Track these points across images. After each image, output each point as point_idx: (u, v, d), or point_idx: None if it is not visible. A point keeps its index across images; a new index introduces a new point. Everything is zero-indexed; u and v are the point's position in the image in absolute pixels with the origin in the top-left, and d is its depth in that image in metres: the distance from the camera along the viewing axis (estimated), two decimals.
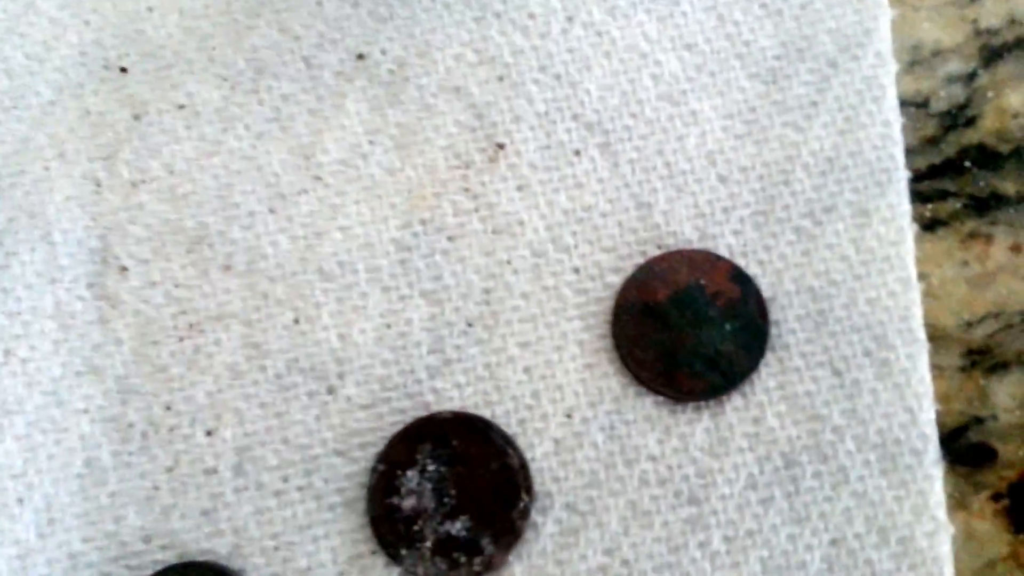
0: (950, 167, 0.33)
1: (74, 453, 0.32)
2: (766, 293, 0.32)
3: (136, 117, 0.35)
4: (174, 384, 0.32)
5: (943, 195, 0.33)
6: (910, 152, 0.33)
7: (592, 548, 0.30)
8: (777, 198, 0.33)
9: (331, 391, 0.32)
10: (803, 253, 0.32)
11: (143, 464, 0.32)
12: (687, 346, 0.32)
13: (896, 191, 0.32)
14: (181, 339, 0.33)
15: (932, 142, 0.34)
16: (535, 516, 0.31)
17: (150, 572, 0.31)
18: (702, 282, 0.32)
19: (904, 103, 0.34)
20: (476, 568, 0.30)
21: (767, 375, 0.32)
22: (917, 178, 0.33)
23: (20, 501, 0.31)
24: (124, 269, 0.34)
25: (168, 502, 0.31)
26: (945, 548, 0.30)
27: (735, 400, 0.31)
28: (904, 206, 0.32)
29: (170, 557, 0.31)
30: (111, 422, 0.32)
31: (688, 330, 0.32)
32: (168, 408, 0.32)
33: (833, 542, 0.30)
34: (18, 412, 0.32)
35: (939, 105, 0.34)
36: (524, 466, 0.31)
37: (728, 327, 0.32)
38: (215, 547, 0.31)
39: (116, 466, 0.32)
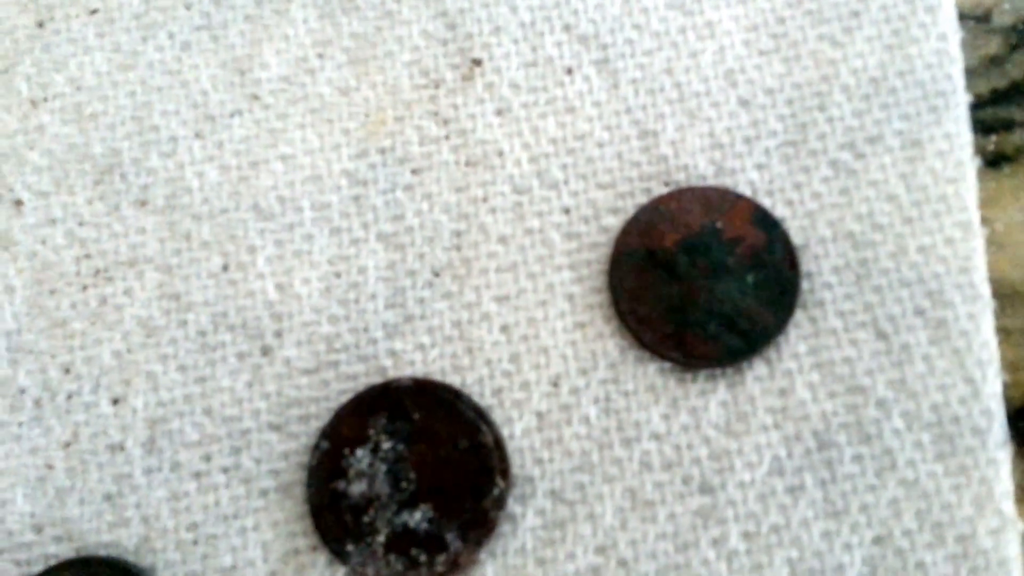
0: (1017, 92, 0.28)
1: None
2: (796, 239, 0.27)
3: (39, 24, 0.29)
4: (75, 342, 0.27)
5: (1009, 125, 0.28)
6: (970, 74, 0.28)
7: (582, 545, 0.25)
8: (810, 126, 0.27)
9: (266, 352, 0.27)
10: (841, 192, 0.27)
11: (35, 438, 0.26)
12: (700, 302, 0.26)
13: (953, 119, 0.27)
14: (85, 288, 0.27)
15: (995, 62, 0.28)
16: (513, 506, 0.25)
17: (41, 568, 0.25)
18: (719, 225, 0.27)
19: (963, 16, 0.29)
20: (439, 568, 0.25)
21: (797, 338, 0.26)
22: (978, 105, 0.28)
23: None
24: (19, 203, 0.28)
25: (64, 484, 0.26)
26: (1014, 548, 0.24)
27: (757, 367, 0.26)
28: (964, 137, 0.27)
29: (66, 550, 0.25)
30: None
31: (701, 282, 0.26)
32: (67, 371, 0.27)
33: (877, 540, 0.25)
34: None
35: (1003, 19, 0.29)
36: (500, 445, 0.26)
37: (750, 279, 0.26)
38: (120, 539, 0.25)
39: (2, 440, 0.26)
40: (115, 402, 0.26)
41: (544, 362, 0.26)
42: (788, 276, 0.26)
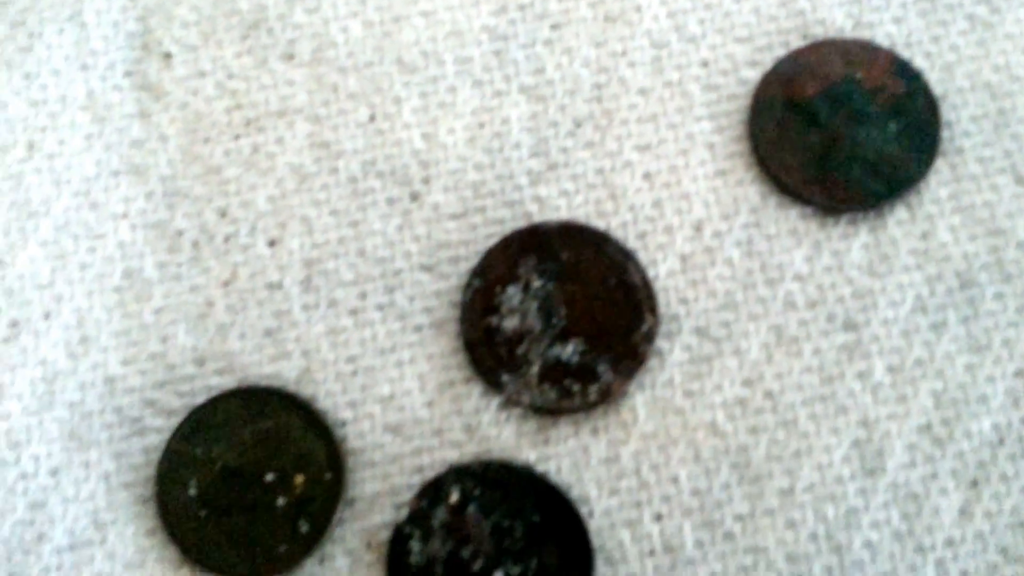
0: None
1: (111, 263, 0.27)
2: (935, 90, 0.27)
3: None
4: (230, 187, 0.28)
5: None
6: None
7: (728, 378, 0.26)
8: None
9: (415, 198, 0.28)
10: (978, 44, 0.27)
11: (195, 277, 0.27)
12: (842, 148, 0.27)
13: None
14: (237, 137, 0.28)
15: None
16: (660, 342, 0.26)
17: (204, 398, 0.26)
18: (859, 76, 0.27)
19: None
20: (591, 397, 0.26)
21: (937, 183, 0.27)
22: None
23: (47, 315, 0.27)
24: (168, 56, 0.29)
25: (225, 320, 0.27)
26: None
27: (899, 211, 0.27)
28: None
29: (227, 382, 0.26)
30: (155, 228, 0.27)
31: (843, 130, 0.27)
32: (223, 215, 0.28)
33: (1018, 373, 0.25)
34: (44, 214, 0.27)
35: None
36: (647, 283, 0.26)
37: (891, 127, 0.27)
38: (281, 371, 0.26)
39: (162, 279, 0.27)
40: (271, 244, 0.27)
41: (686, 207, 0.27)
42: (929, 124, 0.27)
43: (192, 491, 0.25)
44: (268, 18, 0.28)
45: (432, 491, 0.25)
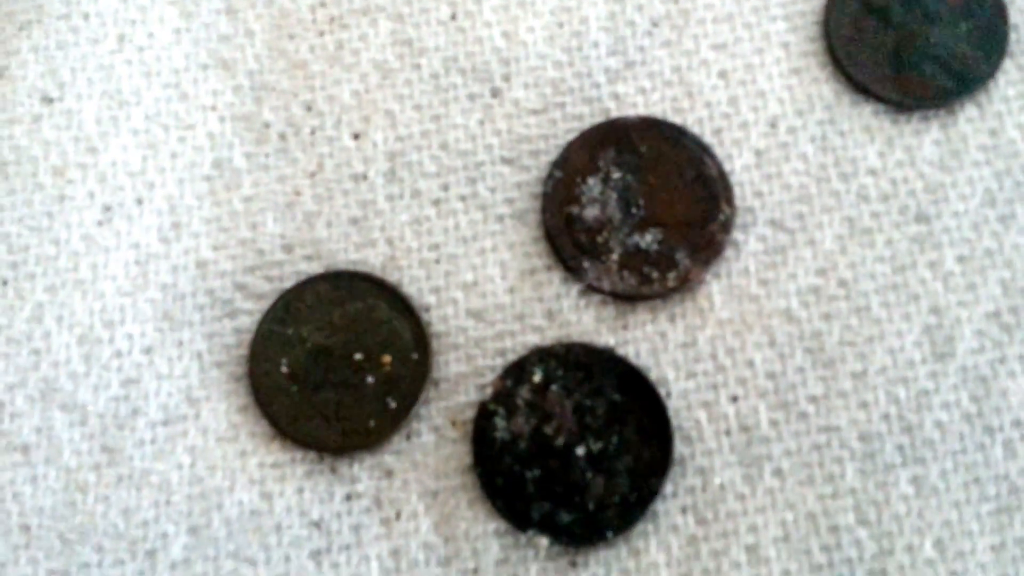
0: None
1: (201, 152, 0.28)
2: None
3: None
4: (315, 82, 0.28)
5: None
6: None
7: (803, 267, 0.27)
8: None
9: (496, 94, 0.28)
10: None
11: (282, 167, 0.28)
12: (915, 47, 0.27)
13: None
14: (321, 33, 0.29)
15: None
16: (736, 232, 0.27)
17: (293, 283, 0.27)
18: None
19: None
20: (669, 284, 0.26)
21: (1005, 83, 0.27)
22: None
23: (139, 201, 0.27)
24: None
25: (312, 209, 0.27)
26: None
27: (969, 109, 0.27)
28: None
29: (315, 267, 0.27)
30: (244, 120, 0.28)
31: (916, 29, 0.27)
32: (309, 108, 0.28)
33: None
34: (135, 104, 0.28)
35: None
36: (723, 176, 0.27)
37: (963, 27, 0.27)
38: (366, 258, 0.27)
39: (251, 168, 0.28)
40: (356, 137, 0.28)
41: (761, 104, 0.28)
42: (997, 26, 0.27)
43: (284, 369, 0.26)
44: None
45: (516, 371, 0.26)
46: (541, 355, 0.26)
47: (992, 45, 0.27)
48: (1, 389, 0.26)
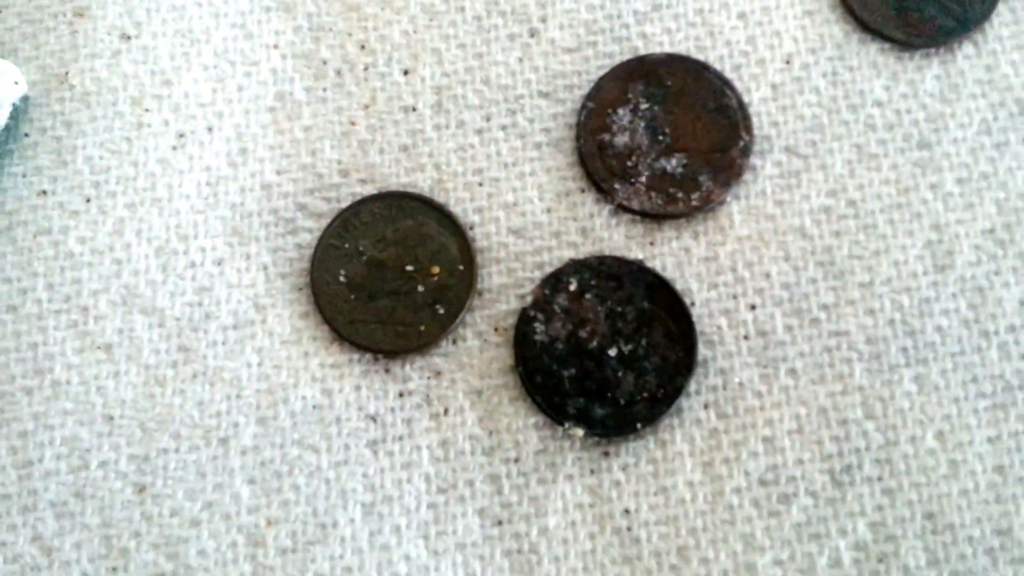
0: None
1: (265, 86, 0.30)
2: None
3: None
4: (368, 23, 0.31)
5: None
6: None
7: (815, 189, 0.29)
8: None
9: (533, 34, 0.31)
10: None
11: (338, 100, 0.30)
12: None
13: None
14: None
15: None
16: (753, 158, 0.29)
17: (348, 203, 0.29)
18: None
19: None
20: (694, 203, 0.29)
21: (1000, 24, 0.30)
22: None
23: (209, 129, 0.30)
24: None
25: (366, 137, 0.30)
26: None
27: (967, 47, 0.30)
28: None
29: (369, 190, 0.29)
30: (303, 58, 0.31)
31: None
32: (363, 47, 0.31)
33: None
34: (205, 42, 0.30)
35: None
36: (743, 107, 0.29)
37: None
38: (416, 181, 0.30)
39: (310, 101, 0.30)
40: (406, 73, 0.30)
41: (777, 43, 0.30)
42: None
43: (342, 279, 0.28)
44: None
45: (553, 281, 0.28)
46: (576, 267, 0.29)
47: None
48: (86, 295, 0.29)
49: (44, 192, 0.29)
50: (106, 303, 0.29)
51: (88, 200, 0.29)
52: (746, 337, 0.28)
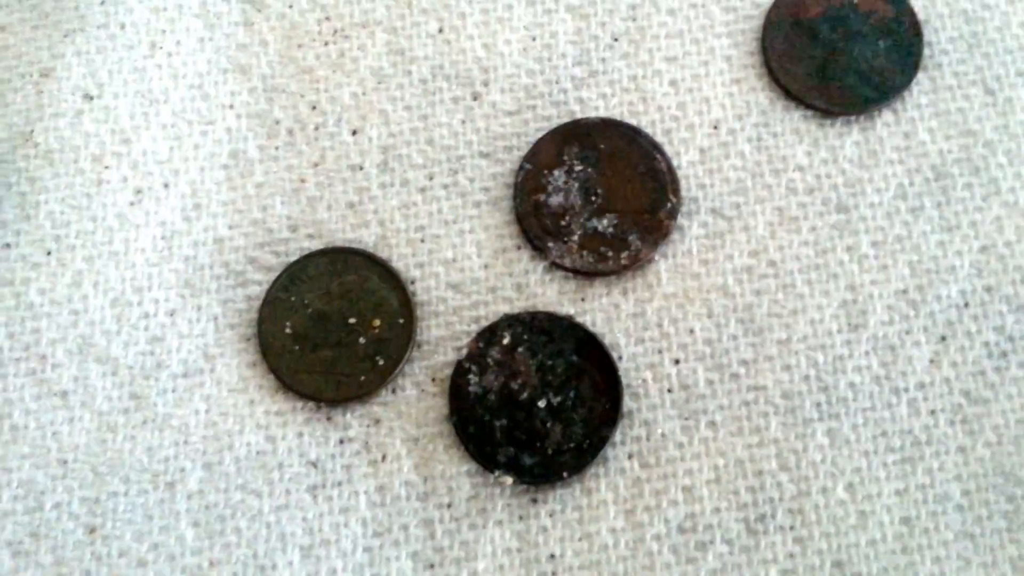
0: None
1: (220, 144, 0.32)
2: (919, 14, 0.32)
3: None
4: (320, 85, 0.32)
5: None
6: None
7: (738, 250, 0.31)
8: None
9: (476, 97, 0.32)
10: None
11: (290, 158, 0.32)
12: (839, 61, 0.31)
13: None
14: (326, 43, 0.33)
15: None
16: (681, 219, 0.31)
17: (297, 257, 0.31)
18: (855, 1, 0.32)
19: None
20: (623, 261, 0.30)
21: (919, 92, 0.31)
22: None
23: (166, 186, 0.32)
24: None
25: (315, 194, 0.32)
26: None
27: (886, 115, 0.31)
28: None
29: (316, 245, 0.31)
30: (257, 118, 0.32)
31: (840, 45, 0.31)
32: (314, 108, 0.32)
33: (984, 249, 0.30)
34: (164, 102, 0.32)
35: None
36: (671, 169, 0.31)
37: (881, 44, 0.31)
38: (361, 237, 0.31)
39: (262, 159, 0.32)
40: (354, 133, 0.32)
41: (706, 109, 0.32)
42: (913, 43, 0.31)
43: (288, 330, 0.30)
44: None
45: (488, 335, 0.30)
46: (510, 321, 0.30)
47: (908, 60, 0.31)
48: (44, 344, 0.30)
49: (8, 245, 0.31)
50: (63, 352, 0.30)
51: (49, 253, 0.31)
52: (669, 390, 0.30)
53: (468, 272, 0.31)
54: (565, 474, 0.29)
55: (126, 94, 0.32)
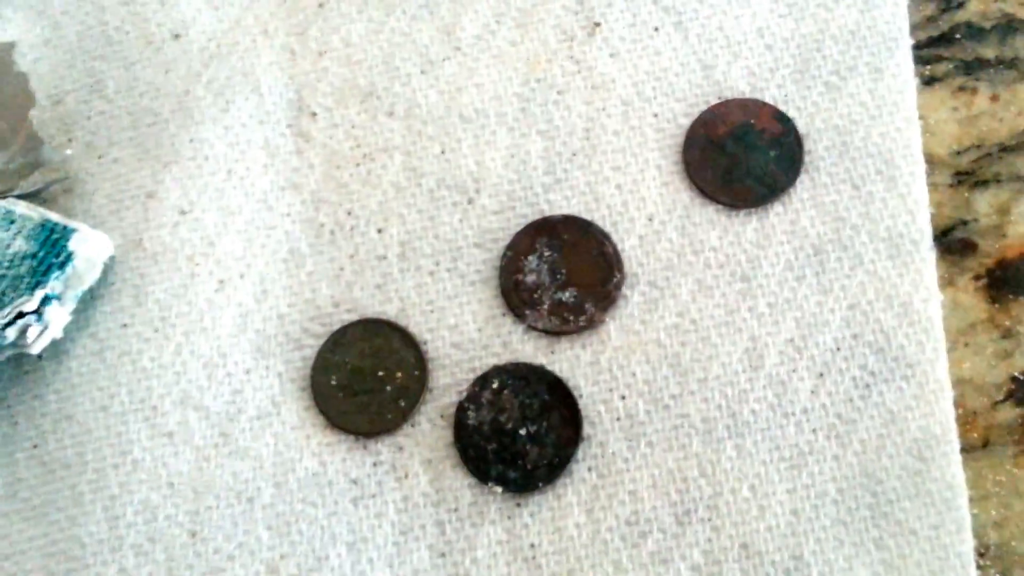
0: (944, 39, 0.43)
1: (280, 244, 0.42)
2: (802, 131, 0.41)
3: (320, 5, 0.45)
4: (353, 196, 0.43)
5: (939, 59, 0.42)
6: (914, 27, 0.43)
7: (668, 312, 0.40)
8: (811, 60, 0.42)
9: (470, 201, 0.42)
10: (831, 100, 0.42)
11: (332, 252, 0.42)
12: (741, 167, 0.41)
13: (902, 55, 0.42)
14: (357, 164, 0.43)
15: (931, 20, 0.43)
16: (625, 290, 0.40)
17: (339, 327, 0.41)
18: (752, 121, 0.42)
19: None
20: (582, 323, 0.40)
21: (802, 189, 0.41)
22: (919, 46, 0.43)
23: (241, 276, 0.42)
24: (314, 114, 0.44)
25: (351, 279, 0.42)
26: (936, 310, 0.39)
27: (776, 208, 0.41)
28: (908, 66, 0.42)
29: (352, 317, 0.41)
30: (307, 223, 0.42)
31: (742, 156, 0.41)
32: (349, 213, 0.42)
33: (851, 307, 0.39)
34: (238, 213, 0.43)
35: None
36: (617, 253, 0.41)
37: (772, 154, 0.41)
38: (386, 310, 0.41)
39: (312, 254, 0.42)
40: (379, 231, 0.42)
41: (642, 206, 0.41)
42: (796, 152, 0.41)
43: (333, 382, 0.40)
44: (377, 90, 0.44)
45: (482, 381, 0.39)
46: (498, 371, 0.40)
47: (792, 165, 0.41)
48: (154, 397, 0.40)
49: (125, 325, 0.41)
50: (169, 403, 0.40)
51: (156, 330, 0.41)
52: (618, 419, 0.39)
53: (466, 334, 0.40)
54: (540, 484, 0.38)
55: (210, 209, 0.43)
